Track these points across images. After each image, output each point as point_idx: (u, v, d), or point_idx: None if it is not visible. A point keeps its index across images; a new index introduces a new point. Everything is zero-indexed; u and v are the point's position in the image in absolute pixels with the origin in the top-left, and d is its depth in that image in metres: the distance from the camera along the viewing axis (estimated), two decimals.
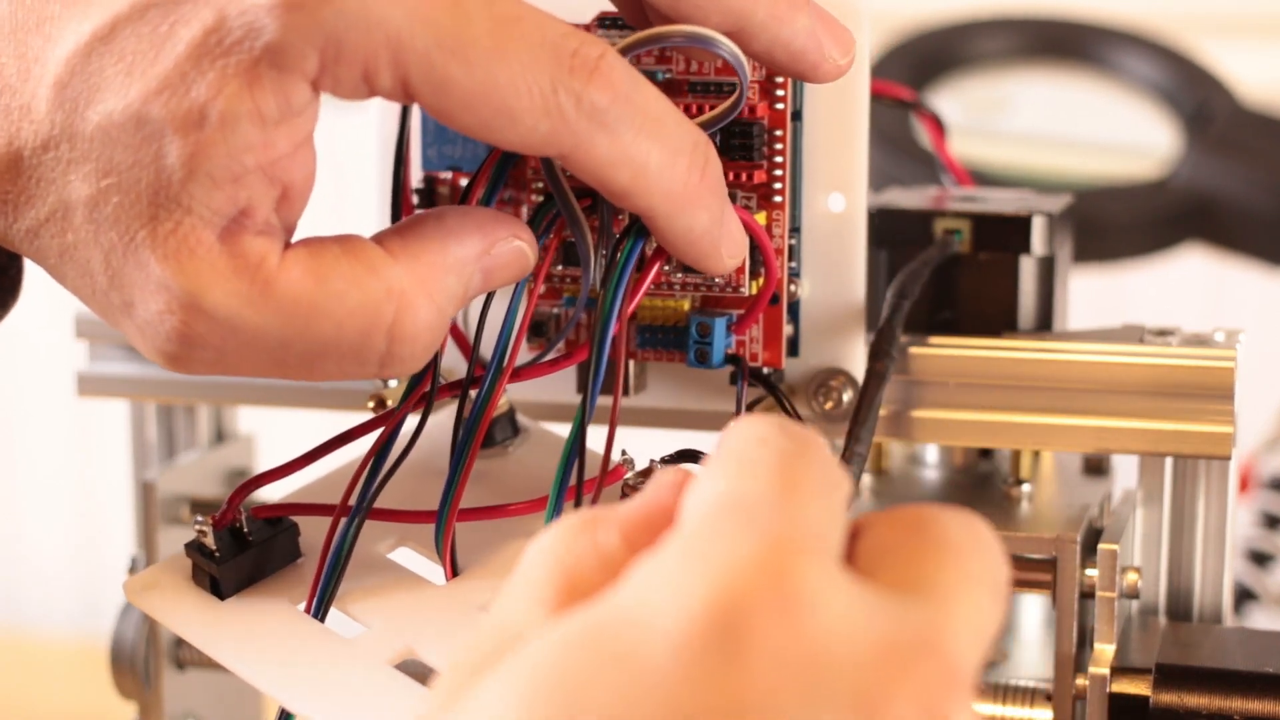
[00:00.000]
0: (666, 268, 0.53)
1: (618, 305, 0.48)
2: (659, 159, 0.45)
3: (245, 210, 0.43)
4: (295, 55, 0.42)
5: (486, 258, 0.46)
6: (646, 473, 0.50)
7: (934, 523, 0.37)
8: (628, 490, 0.50)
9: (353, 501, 0.50)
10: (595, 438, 0.50)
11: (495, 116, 0.43)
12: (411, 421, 0.51)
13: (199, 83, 0.42)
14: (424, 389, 0.50)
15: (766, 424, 0.38)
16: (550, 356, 0.51)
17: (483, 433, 0.49)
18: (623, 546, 0.37)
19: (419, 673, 0.48)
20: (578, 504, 0.48)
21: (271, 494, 0.54)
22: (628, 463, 0.50)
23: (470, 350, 0.51)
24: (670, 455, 0.51)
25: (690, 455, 0.51)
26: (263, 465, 0.68)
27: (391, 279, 0.44)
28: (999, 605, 0.37)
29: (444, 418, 0.52)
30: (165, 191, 0.43)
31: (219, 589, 0.50)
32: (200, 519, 0.50)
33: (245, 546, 0.50)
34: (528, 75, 0.43)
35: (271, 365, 0.44)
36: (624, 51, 0.46)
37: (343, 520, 0.50)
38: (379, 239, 0.45)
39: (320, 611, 0.49)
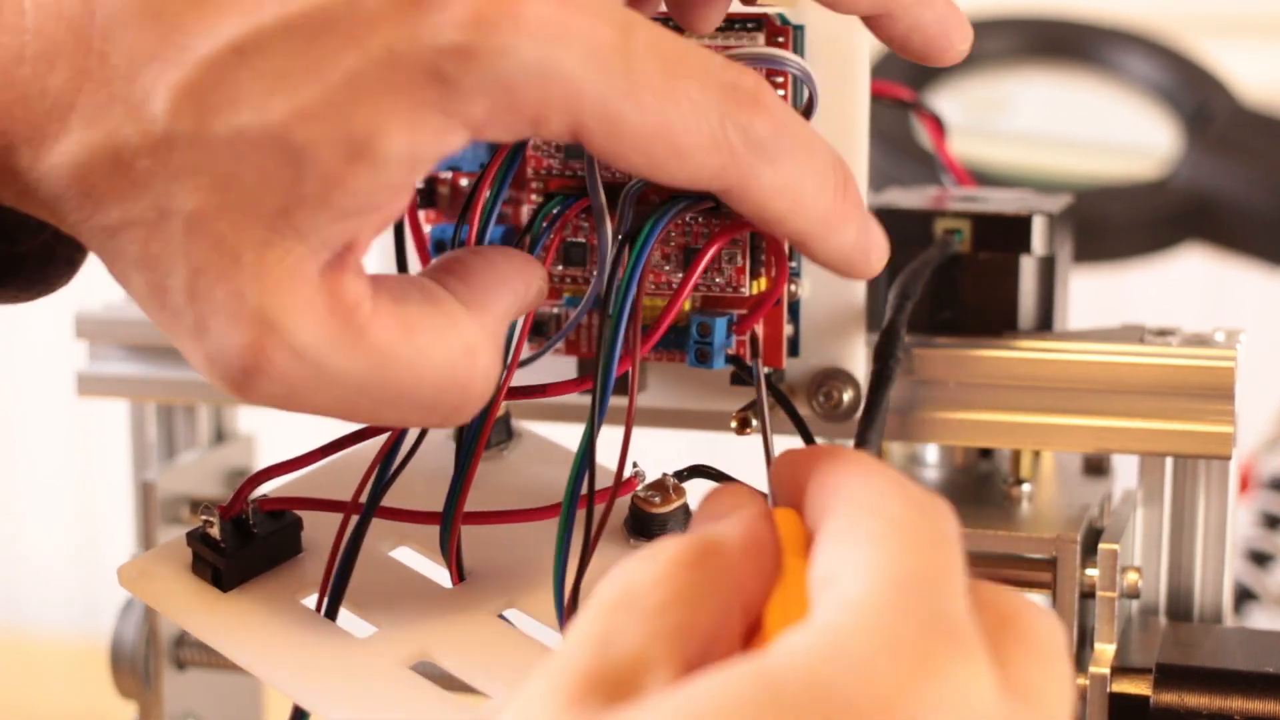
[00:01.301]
0: (667, 267, 0.53)
1: (627, 308, 0.48)
2: (812, 184, 0.45)
3: (350, 247, 0.42)
4: (465, 102, 0.41)
5: (531, 305, 0.47)
6: (659, 485, 0.50)
7: (1032, 626, 0.39)
8: (639, 504, 0.50)
9: (363, 499, 0.50)
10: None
11: (667, 155, 0.42)
12: None
13: (355, 113, 0.40)
14: None
15: (908, 497, 0.39)
16: (555, 347, 0.51)
17: (487, 433, 0.49)
18: (735, 589, 0.39)
19: (432, 675, 0.48)
20: (589, 513, 0.48)
21: (271, 488, 0.54)
22: (639, 475, 0.50)
23: None
24: (683, 470, 0.51)
25: (703, 471, 0.51)
26: (263, 465, 0.68)
27: (468, 334, 0.44)
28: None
29: None
30: (286, 218, 0.41)
31: (221, 580, 0.50)
32: (207, 509, 0.50)
33: (249, 539, 0.50)
34: (697, 112, 0.42)
35: (340, 408, 0.43)
36: None
37: (354, 519, 0.49)
38: (444, 283, 0.45)
39: (331, 610, 0.49)
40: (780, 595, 0.40)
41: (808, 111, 0.49)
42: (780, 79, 0.53)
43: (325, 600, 0.49)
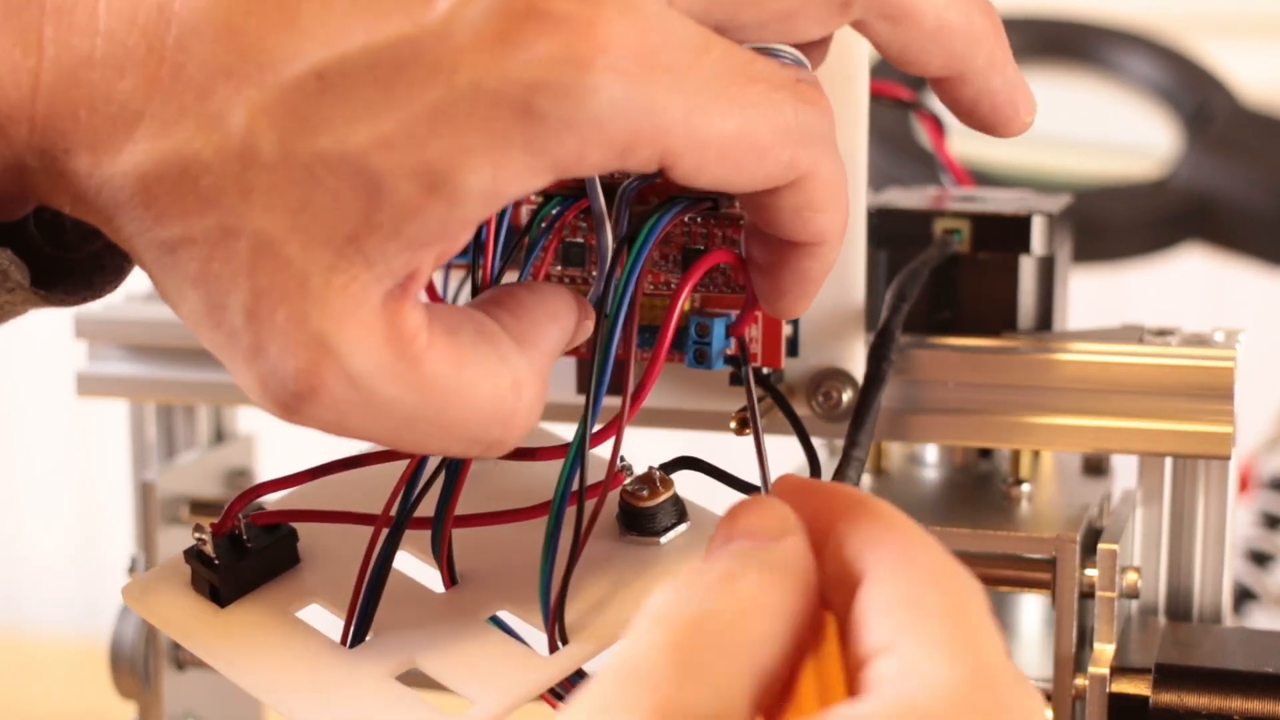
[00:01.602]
0: (666, 267, 0.53)
1: (625, 308, 0.48)
2: (847, 187, 0.46)
3: (413, 276, 0.42)
4: (553, 140, 0.40)
5: (571, 343, 0.47)
6: (646, 479, 0.50)
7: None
8: (627, 498, 0.50)
9: (364, 509, 0.50)
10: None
11: (749, 155, 0.42)
12: None
13: (436, 145, 0.40)
14: None
15: (941, 553, 0.41)
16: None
17: None
18: (803, 629, 0.40)
19: (419, 682, 0.48)
20: (580, 511, 0.48)
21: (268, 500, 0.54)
22: (626, 469, 0.50)
23: None
24: (669, 463, 0.51)
25: (689, 462, 0.51)
26: (263, 465, 0.69)
27: (518, 369, 0.44)
28: None
29: None
30: (356, 245, 0.41)
31: (219, 597, 0.50)
32: (199, 528, 0.50)
33: (244, 554, 0.50)
34: (773, 107, 0.43)
35: (387, 435, 0.43)
36: None
37: (382, 539, 0.49)
38: (496, 317, 0.45)
39: (360, 633, 0.49)
40: (820, 653, 0.40)
41: None
42: None
43: (354, 623, 0.49)
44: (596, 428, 0.48)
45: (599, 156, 0.41)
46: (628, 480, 0.50)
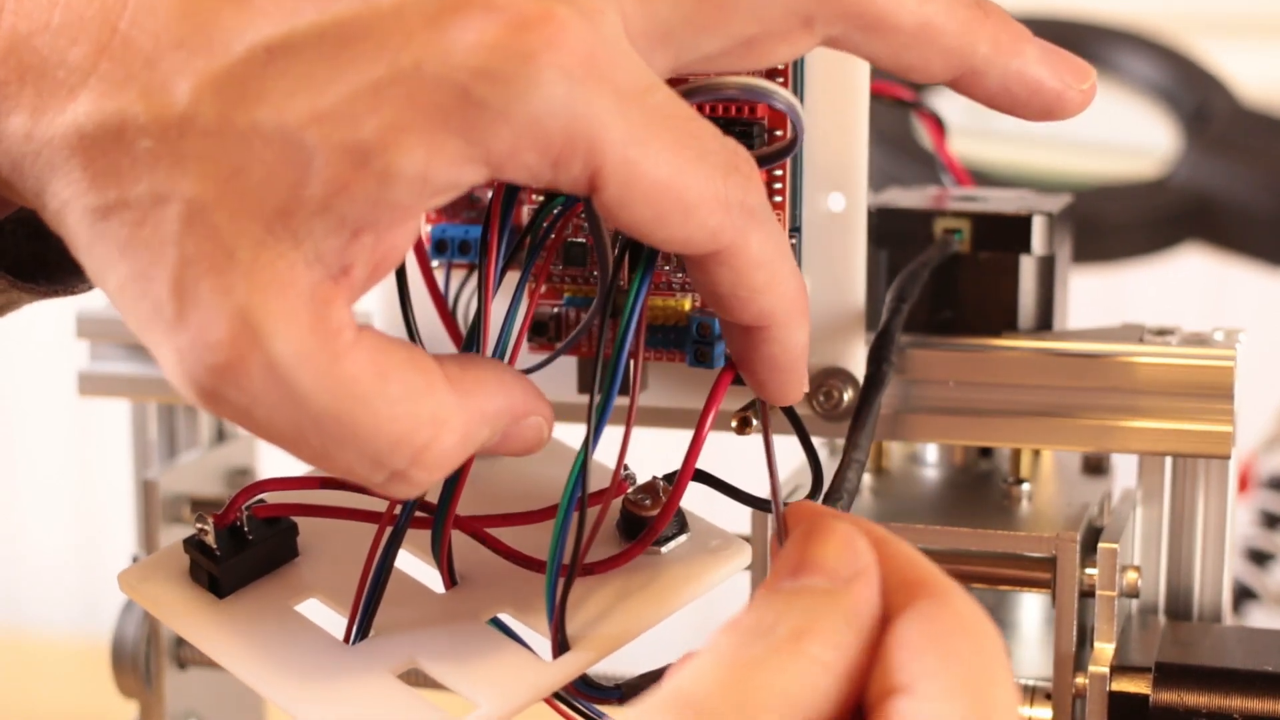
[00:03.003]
0: (666, 267, 0.53)
1: (638, 311, 0.48)
2: (789, 267, 0.45)
3: (345, 269, 0.41)
4: (489, 131, 0.40)
5: (516, 425, 0.45)
6: (649, 488, 0.50)
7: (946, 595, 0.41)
8: (629, 507, 0.50)
9: (367, 508, 0.50)
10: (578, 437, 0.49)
11: (675, 209, 0.42)
12: None
13: (371, 122, 0.40)
14: None
15: (989, 638, 0.41)
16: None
17: None
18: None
19: (417, 682, 0.48)
20: (582, 517, 0.48)
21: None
22: (629, 478, 0.50)
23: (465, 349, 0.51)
24: (673, 473, 0.51)
25: (694, 474, 0.51)
26: (263, 464, 0.69)
27: (444, 407, 0.43)
28: None
29: None
30: (285, 219, 0.40)
31: (218, 587, 0.50)
32: (202, 518, 0.50)
33: (245, 545, 0.50)
34: (707, 170, 0.42)
35: (291, 434, 0.42)
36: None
37: (357, 535, 0.49)
38: (439, 360, 0.44)
39: (363, 630, 0.49)
40: None
41: (793, 144, 0.49)
42: (781, 76, 0.53)
43: (358, 619, 0.49)
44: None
45: (533, 157, 0.41)
46: (631, 489, 0.50)
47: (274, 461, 0.52)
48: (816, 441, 0.52)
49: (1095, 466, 0.62)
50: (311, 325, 0.41)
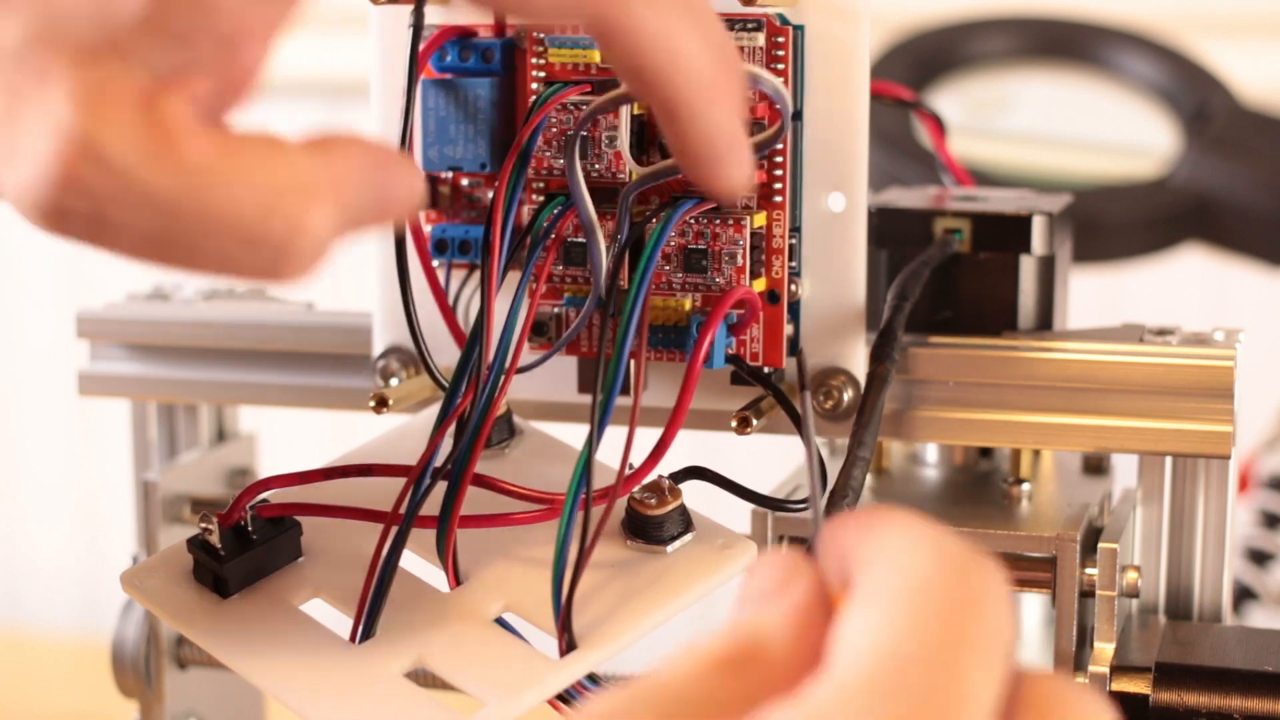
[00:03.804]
0: (666, 267, 0.53)
1: (638, 311, 0.48)
2: (697, 47, 0.42)
3: (180, 71, 0.40)
4: None
5: (389, 179, 0.43)
6: (654, 487, 0.50)
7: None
8: (635, 506, 0.50)
9: (367, 506, 0.50)
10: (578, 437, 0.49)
11: None
12: (425, 421, 0.50)
13: None
14: (462, 407, 0.49)
15: (941, 557, 0.36)
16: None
17: (484, 438, 0.49)
18: (778, 691, 0.35)
19: (424, 681, 0.48)
20: (586, 515, 0.48)
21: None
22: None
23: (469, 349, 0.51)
24: (678, 472, 0.51)
25: (698, 472, 0.51)
26: (264, 464, 0.69)
27: (304, 171, 0.41)
28: None
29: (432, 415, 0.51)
30: (106, 33, 0.39)
31: (222, 588, 0.50)
32: (205, 518, 0.50)
33: (249, 545, 0.50)
34: None
35: (152, 240, 0.40)
36: None
37: (356, 532, 0.49)
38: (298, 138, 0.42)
39: (369, 630, 0.49)
40: None
41: (782, 129, 0.49)
42: (781, 77, 0.53)
43: (364, 618, 0.49)
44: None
45: None
46: (637, 488, 0.50)
47: (275, 461, 0.52)
48: (817, 441, 0.52)
49: (1095, 466, 0.62)
50: (143, 122, 0.40)
